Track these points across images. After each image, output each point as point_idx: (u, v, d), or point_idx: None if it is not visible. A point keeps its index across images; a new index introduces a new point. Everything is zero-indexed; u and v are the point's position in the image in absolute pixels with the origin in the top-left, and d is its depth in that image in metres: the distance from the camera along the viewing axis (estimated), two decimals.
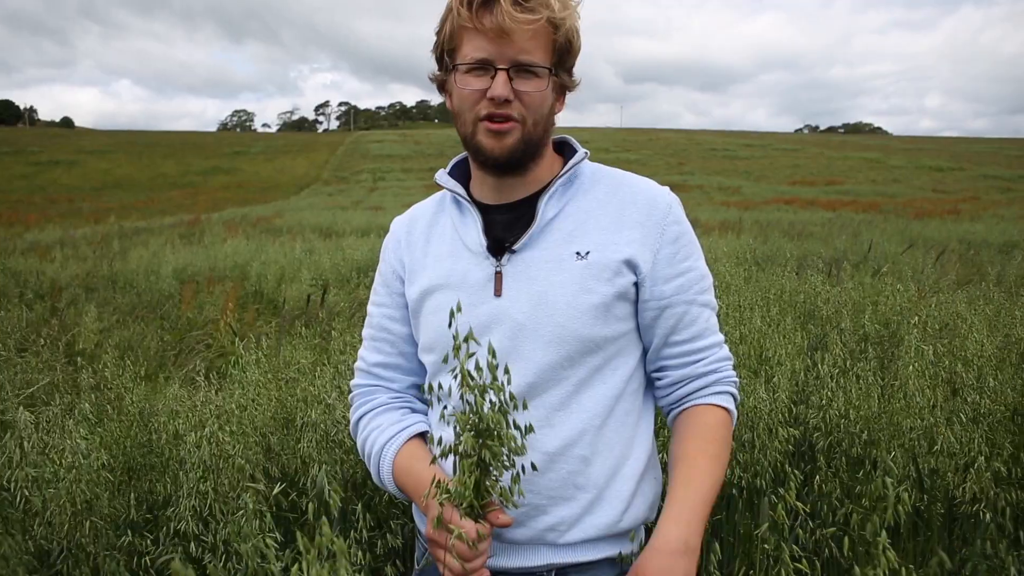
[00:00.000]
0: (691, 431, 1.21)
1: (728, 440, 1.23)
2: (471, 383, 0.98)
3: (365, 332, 1.40)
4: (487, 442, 0.99)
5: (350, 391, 1.40)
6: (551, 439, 1.16)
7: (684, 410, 1.25)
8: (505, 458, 1.02)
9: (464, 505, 1.04)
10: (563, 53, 1.17)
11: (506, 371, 1.02)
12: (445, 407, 1.20)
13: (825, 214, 20.10)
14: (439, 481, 1.06)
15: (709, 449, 1.18)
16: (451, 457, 1.05)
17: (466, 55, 1.14)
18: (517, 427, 1.01)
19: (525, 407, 1.05)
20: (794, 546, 1.26)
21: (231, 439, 2.10)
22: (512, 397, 1.01)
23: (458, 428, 1.01)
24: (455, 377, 0.99)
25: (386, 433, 1.27)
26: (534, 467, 1.10)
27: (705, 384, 1.24)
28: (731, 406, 1.25)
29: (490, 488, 1.04)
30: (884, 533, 1.11)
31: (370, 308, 1.39)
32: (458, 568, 1.05)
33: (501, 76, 1.13)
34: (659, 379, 1.27)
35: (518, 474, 1.04)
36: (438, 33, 1.19)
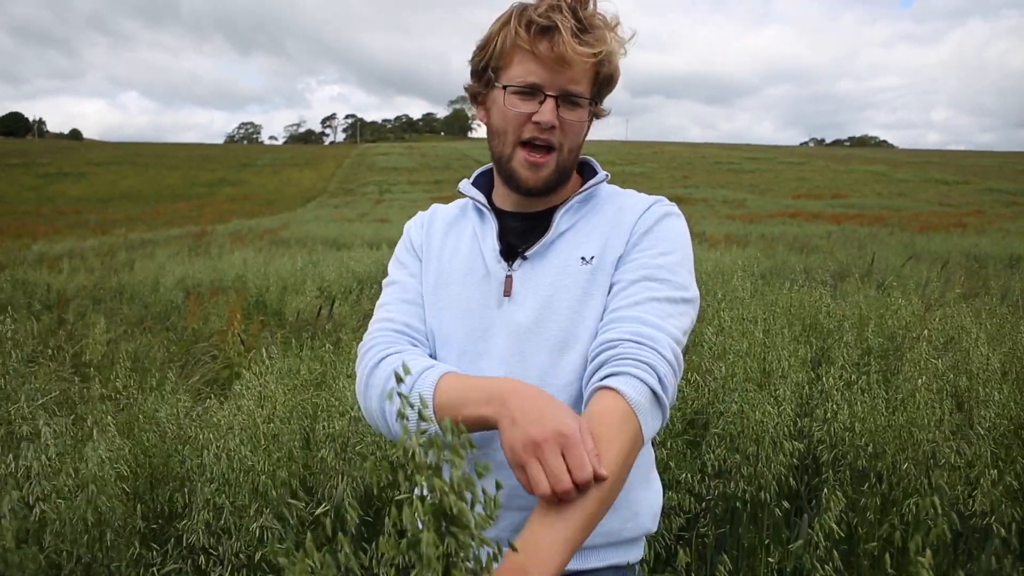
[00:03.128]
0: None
1: (630, 440, 0.99)
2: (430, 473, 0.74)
3: (393, 296, 1.28)
4: (450, 528, 0.76)
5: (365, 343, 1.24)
6: None
7: (590, 394, 1.06)
8: (473, 544, 0.76)
9: None
10: (604, 86, 1.21)
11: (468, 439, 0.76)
12: None
13: (830, 227, 20.07)
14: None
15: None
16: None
17: (516, 76, 1.16)
18: (486, 501, 0.78)
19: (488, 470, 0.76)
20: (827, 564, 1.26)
21: (251, 453, 2.12)
22: (486, 466, 0.76)
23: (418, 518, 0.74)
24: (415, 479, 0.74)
25: (429, 361, 1.14)
26: (513, 548, 0.86)
27: (603, 363, 1.07)
28: (627, 387, 1.01)
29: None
30: (928, 552, 1.10)
31: (400, 277, 1.30)
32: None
33: (549, 103, 1.15)
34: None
35: (494, 555, 0.78)
36: (483, 47, 1.20)
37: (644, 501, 1.25)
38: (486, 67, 1.21)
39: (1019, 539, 2.29)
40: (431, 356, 1.24)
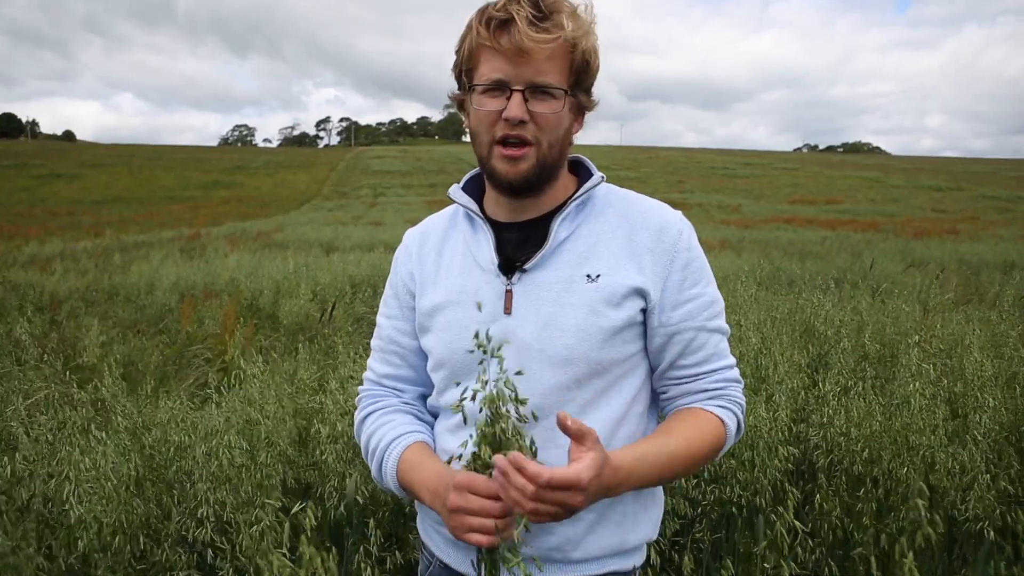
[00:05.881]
0: (682, 418, 1.22)
1: (712, 446, 1.20)
2: (496, 396, 1.02)
3: (374, 343, 1.39)
4: (504, 452, 1.01)
5: (357, 394, 1.40)
6: (557, 460, 1.15)
7: (681, 407, 1.25)
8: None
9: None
10: (580, 73, 1.16)
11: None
12: (464, 420, 1.14)
13: (825, 233, 20.13)
14: (464, 453, 1.08)
15: (691, 436, 1.18)
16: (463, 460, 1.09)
17: (483, 75, 1.14)
18: (533, 442, 1.05)
19: (536, 418, 1.08)
20: (792, 564, 1.25)
21: (248, 449, 2.11)
22: (534, 414, 1.07)
23: (476, 438, 1.04)
24: (475, 396, 1.03)
25: (397, 430, 1.27)
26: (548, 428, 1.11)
27: (707, 397, 1.23)
28: (728, 420, 1.22)
29: None
30: (911, 555, 1.10)
31: (380, 319, 1.38)
32: (488, 527, 1.04)
33: (516, 97, 1.12)
34: (663, 393, 1.28)
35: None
36: (457, 52, 1.18)
37: (643, 512, 1.25)
38: (460, 72, 1.19)
39: (1013, 544, 2.29)
40: (422, 389, 1.36)
